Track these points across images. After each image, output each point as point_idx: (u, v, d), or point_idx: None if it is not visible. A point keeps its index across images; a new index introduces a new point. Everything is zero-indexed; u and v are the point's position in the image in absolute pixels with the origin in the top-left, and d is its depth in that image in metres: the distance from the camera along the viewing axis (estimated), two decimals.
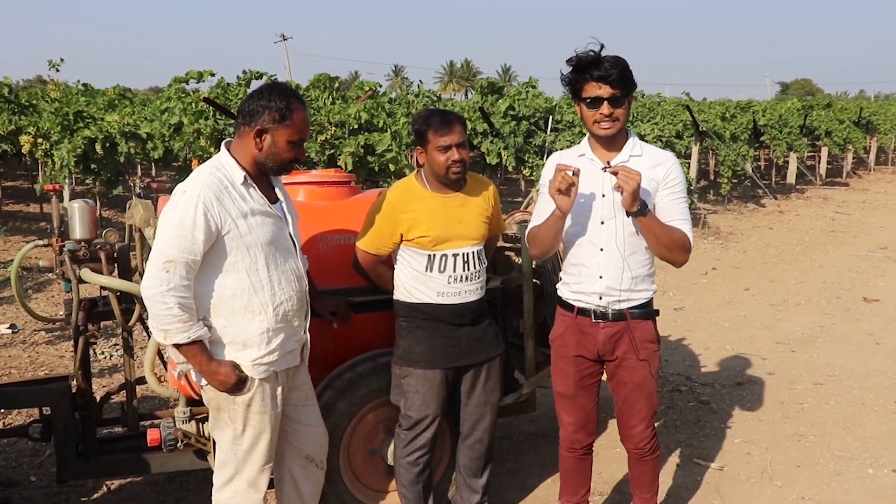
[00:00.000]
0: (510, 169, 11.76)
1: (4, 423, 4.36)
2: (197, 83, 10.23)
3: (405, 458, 3.01)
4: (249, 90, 5.21)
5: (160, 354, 3.44)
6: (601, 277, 2.75)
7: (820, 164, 19.65)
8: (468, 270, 2.93)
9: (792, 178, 18.16)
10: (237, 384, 2.46)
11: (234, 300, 2.46)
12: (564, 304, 2.90)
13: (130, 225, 3.43)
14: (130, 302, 3.10)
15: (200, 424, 2.94)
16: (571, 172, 2.57)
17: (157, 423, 3.12)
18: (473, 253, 2.94)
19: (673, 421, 4.55)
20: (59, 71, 11.63)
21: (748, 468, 3.92)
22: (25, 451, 4.06)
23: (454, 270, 2.91)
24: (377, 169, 9.13)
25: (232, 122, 8.89)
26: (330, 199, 3.41)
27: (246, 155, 2.50)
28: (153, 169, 15.42)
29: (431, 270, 2.91)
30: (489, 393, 3.09)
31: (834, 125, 19.10)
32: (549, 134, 11.91)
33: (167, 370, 3.24)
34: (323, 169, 5.48)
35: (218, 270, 2.45)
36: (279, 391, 2.58)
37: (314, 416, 2.79)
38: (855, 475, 3.83)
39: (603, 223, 2.73)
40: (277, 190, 2.64)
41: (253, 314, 2.48)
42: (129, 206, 3.34)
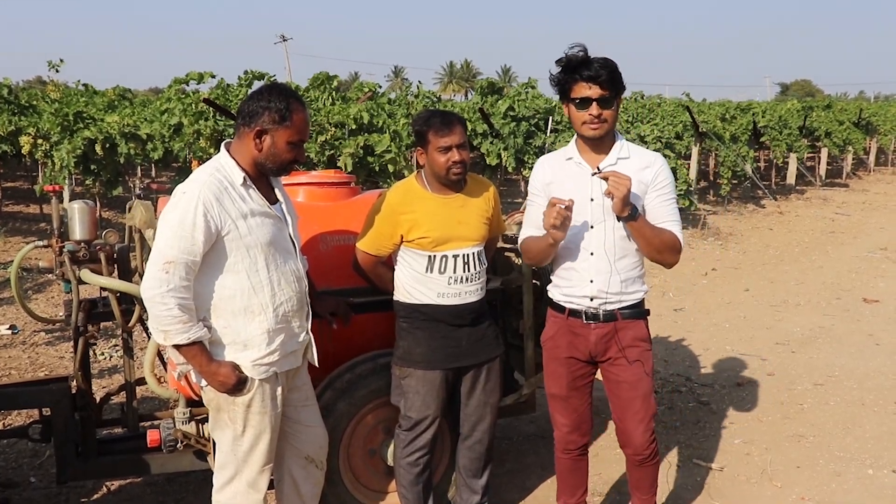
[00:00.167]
0: (510, 170, 11.75)
1: (4, 423, 4.36)
2: (197, 84, 10.26)
3: (405, 458, 3.01)
4: (249, 91, 5.21)
5: (160, 355, 3.44)
6: (592, 281, 2.75)
7: (820, 165, 19.63)
8: (468, 271, 2.93)
9: (792, 179, 18.14)
10: (237, 385, 2.47)
11: (233, 301, 2.46)
12: (555, 305, 2.90)
13: (130, 226, 3.44)
14: (130, 303, 3.10)
15: (200, 425, 2.94)
16: (564, 206, 2.55)
17: (156, 423, 3.13)
18: (474, 254, 2.94)
19: (673, 422, 4.55)
20: (58, 72, 11.65)
21: (748, 469, 3.92)
22: (25, 451, 4.06)
23: (454, 271, 2.91)
24: (377, 170, 9.14)
25: (232, 122, 8.89)
26: (330, 199, 3.41)
27: (246, 156, 2.50)
28: (153, 170, 15.41)
29: (432, 271, 2.91)
30: (489, 394, 3.09)
31: (834, 126, 19.10)
32: (548, 135, 11.91)
33: (167, 371, 3.24)
34: (323, 170, 5.49)
35: (218, 271, 2.45)
36: (279, 392, 2.58)
37: (314, 416, 2.79)
38: (855, 475, 3.83)
39: (593, 227, 2.72)
40: (277, 191, 2.65)
41: (253, 315, 2.48)
42: (128, 207, 3.35)
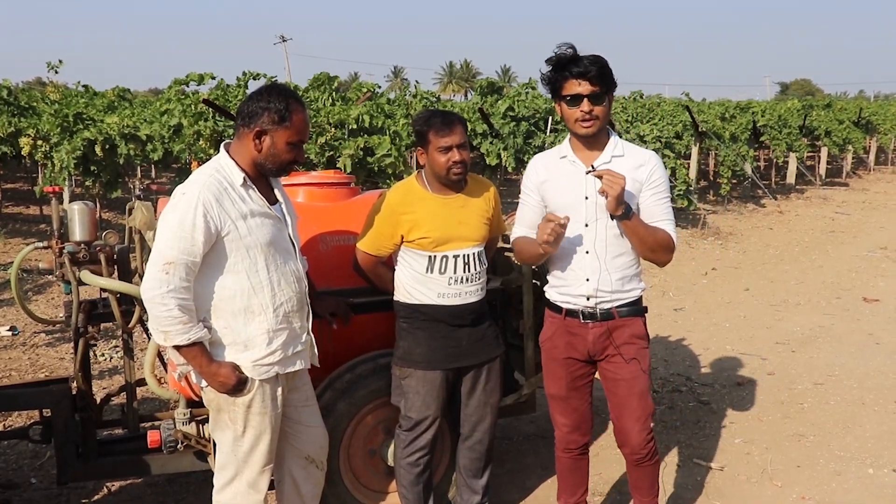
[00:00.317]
0: (510, 170, 11.75)
1: (5, 425, 4.36)
2: (197, 85, 10.25)
3: (405, 458, 3.01)
4: (249, 91, 5.22)
5: (160, 356, 3.44)
6: (588, 280, 2.75)
7: (820, 164, 19.64)
8: (469, 272, 2.93)
9: (792, 178, 18.16)
10: (237, 385, 2.47)
11: (234, 301, 2.47)
12: (552, 305, 2.90)
13: (130, 227, 3.44)
14: (130, 304, 3.10)
15: (201, 426, 2.94)
16: (560, 224, 2.55)
17: (157, 424, 3.13)
18: (474, 254, 2.94)
19: (673, 421, 4.55)
20: (57, 73, 11.63)
21: (748, 468, 3.92)
22: (26, 453, 4.06)
23: (455, 272, 2.91)
24: (377, 170, 9.14)
25: (231, 123, 8.89)
26: (329, 200, 3.41)
27: (245, 156, 2.50)
28: (153, 171, 15.42)
29: (432, 272, 2.91)
30: (489, 394, 3.09)
31: (833, 125, 19.10)
32: (548, 135, 11.91)
33: (167, 372, 3.24)
34: (322, 170, 5.49)
35: (218, 272, 2.45)
36: (279, 392, 2.58)
37: (314, 417, 2.79)
38: (855, 475, 3.83)
39: (587, 226, 2.72)
40: (277, 191, 2.65)
41: (253, 315, 2.48)
42: (128, 208, 3.35)
